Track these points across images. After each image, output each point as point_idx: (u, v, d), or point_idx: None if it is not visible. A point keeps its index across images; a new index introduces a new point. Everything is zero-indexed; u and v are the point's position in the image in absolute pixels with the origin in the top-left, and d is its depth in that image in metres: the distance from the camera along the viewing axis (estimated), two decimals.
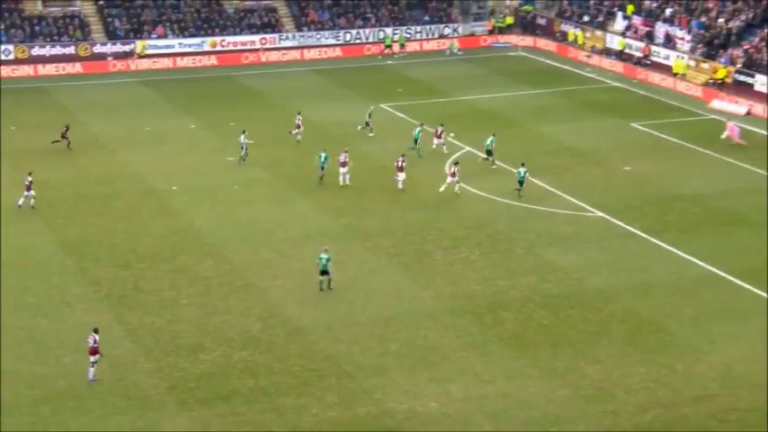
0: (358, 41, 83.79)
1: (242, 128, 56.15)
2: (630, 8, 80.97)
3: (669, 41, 76.14)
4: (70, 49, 77.41)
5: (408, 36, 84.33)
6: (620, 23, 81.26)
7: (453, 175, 49.71)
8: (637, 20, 79.77)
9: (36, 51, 76.52)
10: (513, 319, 37.63)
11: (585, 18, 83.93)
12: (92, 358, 32.93)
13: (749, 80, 67.28)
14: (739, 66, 69.14)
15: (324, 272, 39.50)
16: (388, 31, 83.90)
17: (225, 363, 34.36)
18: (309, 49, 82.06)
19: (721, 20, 74.06)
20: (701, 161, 56.01)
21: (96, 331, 33.34)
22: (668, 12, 78.04)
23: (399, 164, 50.67)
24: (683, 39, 75.25)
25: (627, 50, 78.18)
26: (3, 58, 75.39)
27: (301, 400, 32.15)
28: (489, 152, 54.27)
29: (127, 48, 78.85)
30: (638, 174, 53.68)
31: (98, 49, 78.34)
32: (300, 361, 34.48)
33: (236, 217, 47.58)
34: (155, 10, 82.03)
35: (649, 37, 77.66)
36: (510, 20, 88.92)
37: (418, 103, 66.56)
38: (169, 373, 33.60)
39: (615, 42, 79.32)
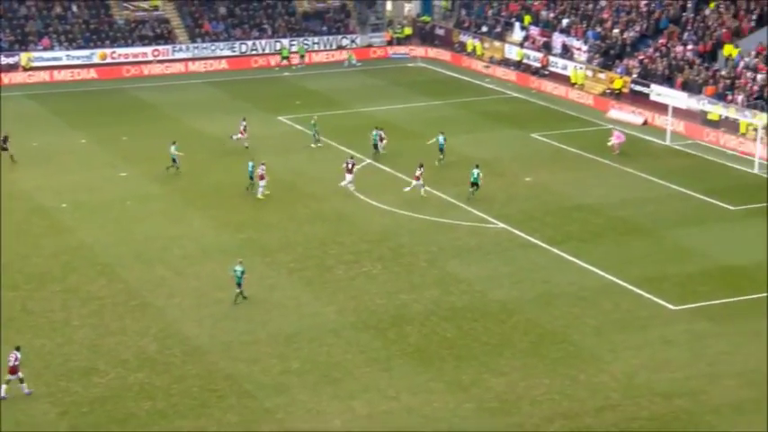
0: (254, 53, 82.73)
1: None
2: (528, 18, 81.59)
3: (566, 52, 76.93)
4: None
5: (306, 47, 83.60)
6: (517, 34, 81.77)
7: (418, 178, 50.00)
8: (534, 30, 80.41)
9: None
10: (416, 332, 37.20)
11: (484, 29, 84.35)
12: (11, 377, 32.19)
13: (645, 90, 68.29)
14: (635, 76, 70.13)
15: (239, 284, 38.88)
16: (285, 42, 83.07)
17: (120, 386, 33.29)
18: (204, 61, 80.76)
19: (616, 30, 75.11)
20: (600, 171, 56.49)
21: (18, 349, 32.66)
22: (565, 22, 78.85)
23: (348, 166, 50.24)
24: (579, 49, 76.08)
25: (525, 61, 78.74)
26: None
27: (200, 422, 31.31)
28: (441, 150, 55.58)
29: (11, 60, 76.36)
30: (538, 184, 53.84)
31: None
32: (199, 381, 33.60)
33: (129, 234, 46.34)
34: (40, 21, 79.67)
35: (547, 47, 78.33)
36: (408, 30, 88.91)
37: (317, 116, 65.78)
38: (60, 398, 32.44)
39: (514, 53, 79.82)
